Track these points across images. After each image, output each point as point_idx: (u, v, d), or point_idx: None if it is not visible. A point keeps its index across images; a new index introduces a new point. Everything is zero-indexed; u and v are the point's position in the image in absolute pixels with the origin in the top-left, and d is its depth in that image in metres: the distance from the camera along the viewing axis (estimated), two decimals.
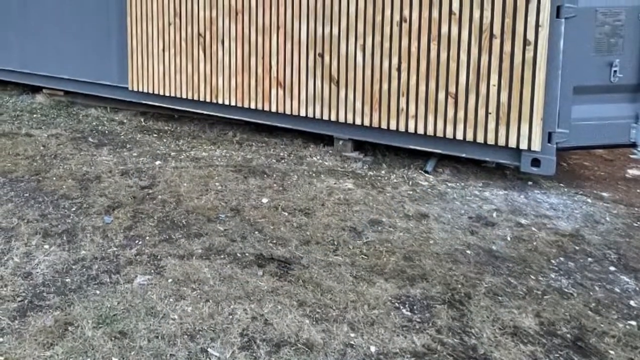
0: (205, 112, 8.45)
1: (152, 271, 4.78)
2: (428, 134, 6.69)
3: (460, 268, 4.83)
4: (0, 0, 10.36)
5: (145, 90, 8.78)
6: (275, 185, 6.49)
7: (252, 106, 7.85)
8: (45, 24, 9.86)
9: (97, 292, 4.48)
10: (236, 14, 7.81)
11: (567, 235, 5.45)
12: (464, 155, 6.66)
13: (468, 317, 4.24)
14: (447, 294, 4.48)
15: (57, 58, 9.79)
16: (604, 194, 6.44)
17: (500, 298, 4.44)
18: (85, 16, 9.31)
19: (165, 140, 8.10)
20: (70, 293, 4.47)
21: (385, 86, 6.88)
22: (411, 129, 6.78)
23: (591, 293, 4.53)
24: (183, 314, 4.24)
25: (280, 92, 7.61)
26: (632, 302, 4.43)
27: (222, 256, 5.00)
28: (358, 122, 7.12)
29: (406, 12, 6.66)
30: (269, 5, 7.55)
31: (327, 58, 7.23)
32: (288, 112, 7.61)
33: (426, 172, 6.83)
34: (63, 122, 8.91)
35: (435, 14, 6.51)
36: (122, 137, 8.23)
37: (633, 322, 4.22)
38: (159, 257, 4.98)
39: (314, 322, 4.17)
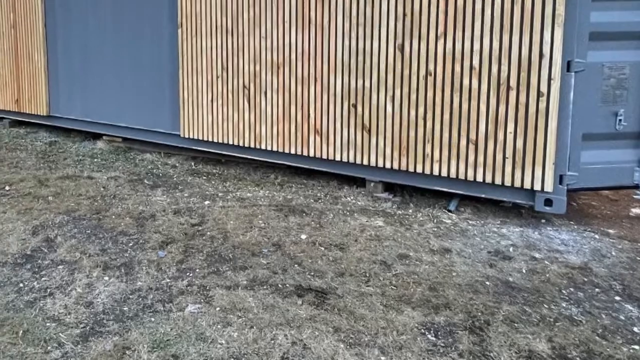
0: (249, 157, 8.50)
1: (202, 300, 4.77)
2: (451, 176, 6.71)
3: (480, 298, 4.83)
4: (65, 56, 10.55)
5: (196, 137, 8.87)
6: (313, 222, 6.48)
7: (292, 151, 7.92)
8: (105, 78, 10.01)
9: (152, 319, 4.50)
10: (278, 67, 7.90)
11: (577, 268, 5.43)
12: (483, 195, 6.67)
13: (487, 342, 4.22)
14: (468, 321, 4.47)
15: (116, 108, 9.93)
16: (610, 231, 6.41)
17: (516, 325, 4.42)
18: (141, 71, 9.46)
19: (213, 182, 8.12)
20: (127, 320, 4.49)
21: (412, 133, 6.92)
22: (436, 172, 6.80)
23: (598, 320, 4.52)
24: (230, 339, 4.24)
25: (318, 138, 7.67)
26: (635, 329, 4.42)
27: (265, 287, 4.98)
28: (388, 165, 7.15)
29: (431, 67, 6.72)
30: (307, 60, 7.63)
31: (359, 108, 7.28)
32: (325, 156, 7.65)
33: (449, 211, 6.84)
34: (121, 166, 8.96)
35: (457, 68, 6.56)
36: (175, 179, 8.26)
37: (636, 347, 4.20)
38: (208, 288, 4.98)
39: (348, 347, 4.15)
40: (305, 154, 7.84)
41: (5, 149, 10.12)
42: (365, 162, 7.36)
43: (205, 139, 8.78)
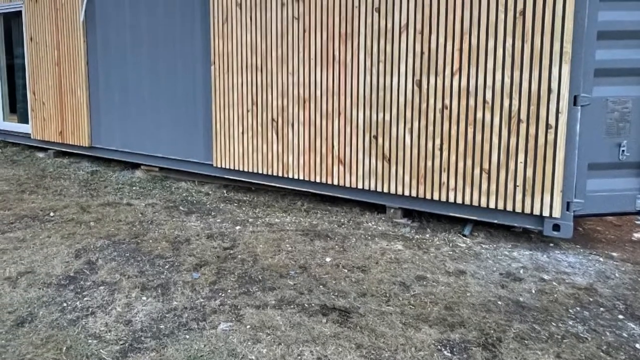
0: (277, 185, 8.54)
1: (233, 319, 4.79)
2: (466, 203, 6.75)
3: (493, 316, 4.84)
4: (105, 92, 10.68)
5: (227, 167, 8.94)
6: (336, 246, 6.50)
7: (317, 180, 7.96)
8: (143, 111, 10.13)
9: (187, 336, 4.52)
10: (304, 102, 7.98)
11: (583, 288, 5.43)
12: (496, 221, 6.68)
13: (499, 357, 4.22)
14: (482, 338, 4.48)
15: (153, 139, 10.02)
16: (614, 254, 6.40)
17: (526, 342, 4.43)
18: (176, 105, 9.56)
19: (244, 208, 8.14)
20: (164, 337, 4.51)
21: (429, 163, 6.96)
22: (451, 199, 6.84)
23: (603, 337, 4.52)
24: (259, 355, 4.24)
25: (341, 168, 7.71)
26: (637, 345, 4.41)
27: (292, 306, 5.00)
28: (407, 193, 7.19)
29: (447, 101, 6.78)
30: (331, 95, 7.70)
31: (380, 140, 7.34)
32: (348, 185, 7.69)
33: (464, 235, 6.86)
34: (158, 194, 9.03)
35: (471, 102, 6.61)
36: (208, 206, 8.30)
37: None
38: (239, 307, 4.99)
39: None
40: (329, 182, 7.88)
41: (50, 177, 10.19)
42: (385, 190, 7.39)
43: (237, 168, 8.86)
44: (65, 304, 5.10)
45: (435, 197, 6.99)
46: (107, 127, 10.88)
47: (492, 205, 6.60)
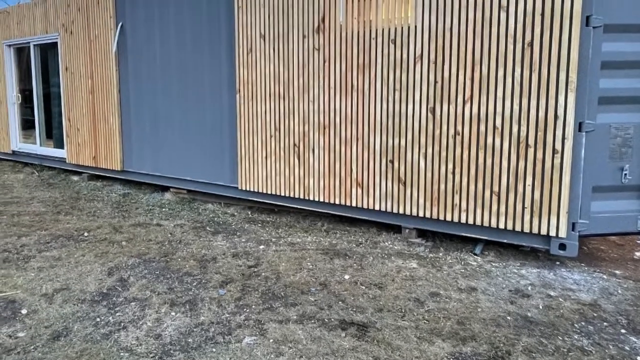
0: (299, 207, 8.58)
1: (257, 333, 4.80)
2: (477, 224, 6.79)
3: (502, 330, 4.85)
4: (136, 119, 10.80)
5: (252, 189, 9.00)
6: (355, 264, 6.53)
7: (337, 202, 8.01)
8: (172, 137, 10.21)
9: (214, 349, 4.53)
10: (324, 128, 8.06)
11: (587, 304, 5.44)
12: (505, 240, 6.70)
13: None
14: (492, 352, 4.49)
15: (181, 164, 10.10)
16: (617, 272, 6.40)
17: (534, 354, 4.44)
18: (203, 131, 9.64)
19: (267, 229, 8.17)
20: (192, 350, 4.52)
21: (442, 186, 7.01)
22: (463, 220, 6.89)
23: (606, 350, 4.54)
24: None
25: (359, 190, 7.76)
26: (639, 358, 4.43)
27: (312, 321, 5.02)
28: (421, 214, 7.23)
29: (459, 127, 6.84)
30: (350, 122, 7.77)
31: (396, 164, 7.39)
32: (365, 206, 7.74)
33: (475, 254, 6.88)
34: (186, 215, 9.06)
35: (482, 128, 6.67)
36: (233, 226, 8.33)
37: None
38: (262, 322, 5.01)
39: None
40: (348, 204, 7.93)
41: (84, 199, 10.27)
42: (401, 211, 7.44)
43: (260, 190, 8.91)
44: (98, 319, 5.14)
45: (448, 218, 7.04)
46: (138, 152, 10.98)
47: (501, 225, 6.64)
